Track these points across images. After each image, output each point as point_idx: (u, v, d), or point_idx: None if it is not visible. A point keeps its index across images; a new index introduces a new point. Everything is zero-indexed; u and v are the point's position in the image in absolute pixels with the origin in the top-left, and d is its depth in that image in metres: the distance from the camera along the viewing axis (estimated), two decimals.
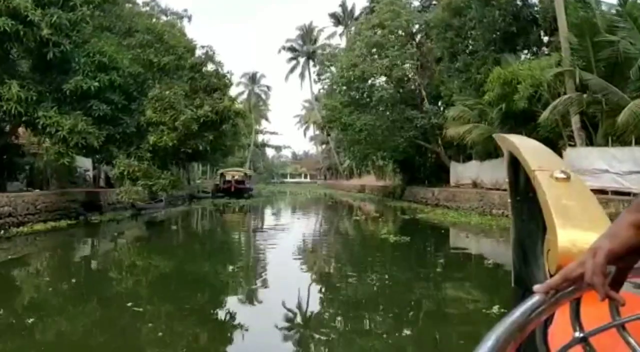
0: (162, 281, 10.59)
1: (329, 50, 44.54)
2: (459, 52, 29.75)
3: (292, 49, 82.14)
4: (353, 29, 40.25)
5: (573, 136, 21.82)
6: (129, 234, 20.02)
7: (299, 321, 7.50)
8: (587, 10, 21.80)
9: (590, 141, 21.63)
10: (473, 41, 28.79)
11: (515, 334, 0.81)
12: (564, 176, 1.62)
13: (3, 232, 15.99)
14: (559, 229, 1.42)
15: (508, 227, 5.48)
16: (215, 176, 54.48)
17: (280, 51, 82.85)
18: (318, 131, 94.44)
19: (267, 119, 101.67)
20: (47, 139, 18.57)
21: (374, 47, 35.68)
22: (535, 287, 0.88)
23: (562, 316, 0.96)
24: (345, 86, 36.59)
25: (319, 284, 9.95)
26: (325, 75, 38.60)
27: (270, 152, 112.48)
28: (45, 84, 18.77)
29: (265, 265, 11.93)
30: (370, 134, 34.92)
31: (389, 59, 34.36)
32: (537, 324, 0.88)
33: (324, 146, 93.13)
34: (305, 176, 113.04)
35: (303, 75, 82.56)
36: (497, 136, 2.26)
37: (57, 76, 18.78)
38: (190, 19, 26.96)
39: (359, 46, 36.05)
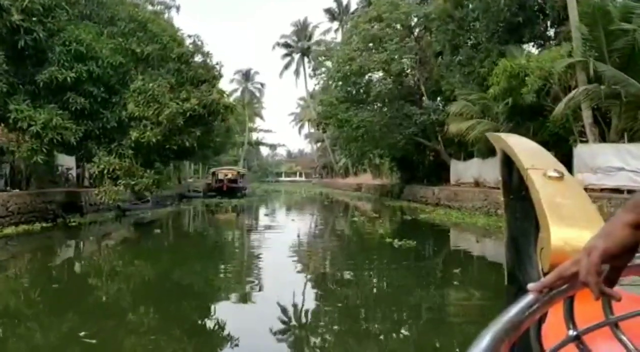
0: (140, 295, 9.21)
1: (325, 44, 43.14)
2: (461, 45, 28.42)
3: (286, 45, 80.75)
4: (349, 23, 38.79)
5: (584, 132, 20.57)
6: (110, 237, 18.59)
7: None
8: None
9: (603, 137, 20.39)
10: (476, 33, 27.43)
11: (510, 332, 0.82)
12: (557, 175, 1.55)
13: None
14: (552, 227, 1.37)
15: None
16: (208, 175, 53.03)
17: (275, 47, 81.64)
18: (313, 129, 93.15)
19: (261, 116, 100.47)
20: (20, 135, 17.08)
21: (372, 41, 34.34)
22: (530, 286, 0.88)
23: (555, 314, 0.94)
24: (342, 81, 35.28)
25: (320, 304, 8.47)
26: (321, 69, 37.14)
27: (265, 151, 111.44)
28: (18, 75, 17.29)
29: (256, 281, 10.29)
30: (368, 131, 33.56)
31: (387, 53, 33.01)
32: (531, 322, 0.88)
33: (319, 144, 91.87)
34: (300, 175, 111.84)
35: (298, 72, 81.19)
36: (490, 135, 2.18)
37: (30, 67, 17.32)
38: (179, 9, 25.35)
39: (356, 40, 34.70)
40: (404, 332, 6.90)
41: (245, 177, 55.85)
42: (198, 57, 20.70)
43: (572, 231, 1.36)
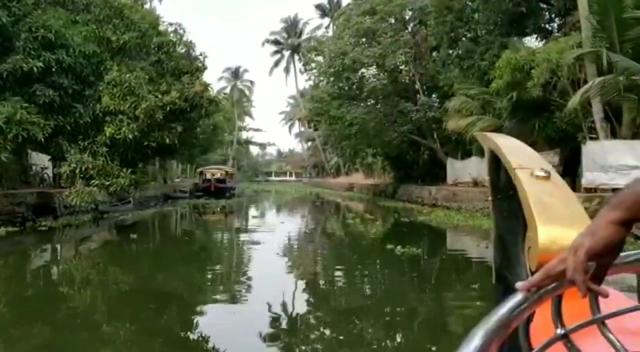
0: (107, 309, 7.71)
1: (316, 40, 41.59)
2: (460, 38, 27.05)
3: (276, 42, 79.18)
4: (342, 16, 37.35)
5: (593, 128, 19.27)
6: (84, 242, 17.00)
7: None
8: None
9: (614, 134, 19.10)
10: (476, 25, 26.06)
11: (500, 331, 0.83)
12: (544, 174, 1.56)
13: None
14: (539, 226, 1.39)
15: None
16: (196, 175, 51.37)
17: (264, 44, 79.90)
18: (303, 128, 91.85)
19: (251, 115, 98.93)
20: None
21: (365, 35, 32.92)
22: (518, 285, 0.89)
23: (543, 313, 0.95)
24: (334, 77, 33.86)
25: (318, 331, 6.95)
26: (312, 65, 35.65)
27: (255, 150, 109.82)
28: None
29: (235, 313, 8.56)
30: (361, 128, 32.13)
31: (382, 46, 31.61)
32: (520, 321, 0.90)
33: (310, 143, 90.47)
34: (291, 174, 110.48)
35: (288, 69, 79.67)
36: (478, 134, 2.09)
37: None
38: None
39: (349, 33, 33.27)
40: None
41: (234, 177, 54.24)
42: (180, 48, 19.11)
43: (558, 230, 1.36)
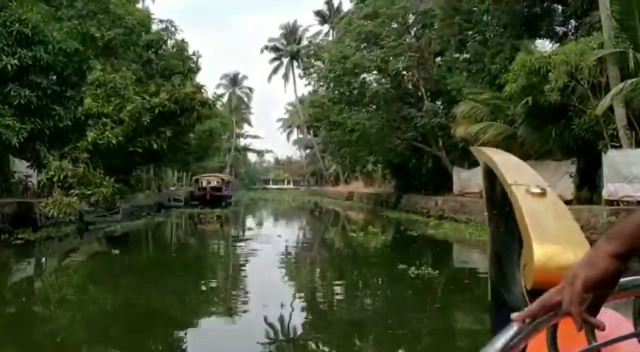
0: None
1: (315, 46, 40.11)
2: (468, 40, 25.71)
3: (275, 48, 77.91)
4: (343, 20, 36.05)
5: (615, 135, 17.93)
6: (62, 258, 15.56)
7: None
8: None
9: (638, 142, 17.77)
10: (485, 27, 24.72)
11: None
12: (540, 191, 1.55)
13: None
14: (535, 244, 1.36)
15: None
16: (192, 183, 49.89)
17: (263, 51, 78.61)
18: (302, 135, 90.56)
19: (249, 122, 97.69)
20: None
21: (367, 38, 31.59)
22: (513, 316, 0.90)
23: (538, 340, 0.94)
24: (334, 81, 32.49)
25: None
26: (312, 68, 34.26)
27: (253, 158, 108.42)
28: None
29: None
30: (363, 134, 30.69)
31: (384, 50, 30.27)
32: (516, 351, 0.90)
33: (309, 151, 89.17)
34: (289, 182, 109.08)
35: (287, 76, 78.37)
36: (474, 149, 2.15)
37: None
38: None
39: (350, 37, 31.94)
40: None
41: (231, 185, 52.78)
42: (171, 46, 17.67)
43: (554, 248, 1.33)
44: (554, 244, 1.36)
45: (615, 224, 0.91)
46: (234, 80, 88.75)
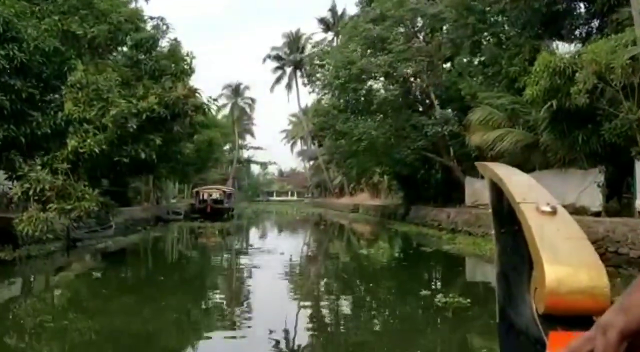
0: None
1: (318, 56, 38.47)
2: (482, 42, 24.20)
3: (278, 57, 76.65)
4: (348, 23, 34.63)
5: None
6: (41, 281, 14.00)
7: None
8: None
9: None
10: (502, 27, 23.19)
11: None
12: (550, 210, 1.47)
13: None
14: (546, 266, 1.30)
15: None
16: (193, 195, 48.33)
17: (265, 60, 77.33)
18: (306, 146, 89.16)
19: (251, 133, 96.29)
20: None
21: (374, 43, 30.07)
22: None
23: None
24: (339, 89, 30.99)
25: None
26: (317, 75, 32.74)
27: (256, 169, 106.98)
28: None
29: None
30: (371, 144, 29.08)
31: (393, 54, 28.75)
32: None
33: (312, 162, 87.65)
34: (292, 194, 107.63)
35: (290, 86, 77.01)
36: (478, 164, 2.01)
37: None
38: None
39: (356, 41, 30.45)
40: None
41: (232, 197, 51.22)
42: (163, 45, 16.16)
43: (566, 270, 1.29)
44: (566, 265, 1.28)
45: None
46: (236, 90, 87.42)
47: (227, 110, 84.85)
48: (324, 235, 30.78)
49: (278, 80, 78.08)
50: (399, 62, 28.86)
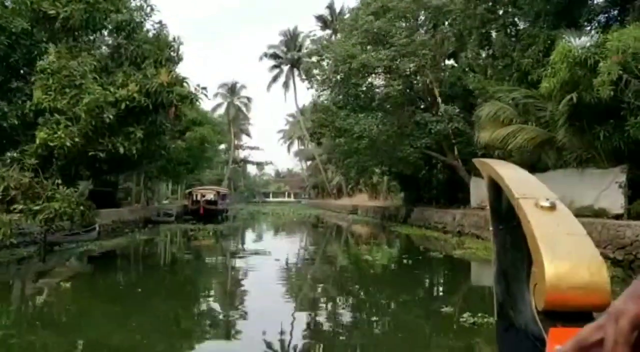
0: None
1: (318, 43, 36.82)
2: (492, 33, 22.76)
3: (274, 56, 75.19)
4: (348, 15, 33.17)
5: None
6: (8, 291, 12.43)
7: None
8: None
9: None
10: (513, 17, 21.76)
11: None
12: (549, 205, 1.40)
13: None
14: (546, 262, 1.25)
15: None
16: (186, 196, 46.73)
17: (262, 58, 75.92)
18: (303, 146, 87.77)
19: (248, 133, 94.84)
20: None
21: (375, 36, 28.61)
22: None
23: None
24: (339, 84, 29.55)
25: None
26: (315, 70, 31.24)
27: (252, 170, 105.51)
28: None
29: None
30: (372, 141, 27.61)
31: (395, 48, 27.31)
32: None
33: (310, 163, 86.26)
34: (289, 195, 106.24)
35: (287, 84, 75.54)
36: (476, 161, 1.89)
37: None
38: None
39: (356, 35, 28.97)
40: None
41: (227, 198, 49.65)
42: (147, 29, 14.62)
43: (566, 266, 1.25)
44: (566, 261, 1.25)
45: None
46: (232, 89, 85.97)
47: (222, 109, 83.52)
48: (322, 238, 29.26)
49: (275, 79, 76.70)
50: (402, 57, 27.44)
